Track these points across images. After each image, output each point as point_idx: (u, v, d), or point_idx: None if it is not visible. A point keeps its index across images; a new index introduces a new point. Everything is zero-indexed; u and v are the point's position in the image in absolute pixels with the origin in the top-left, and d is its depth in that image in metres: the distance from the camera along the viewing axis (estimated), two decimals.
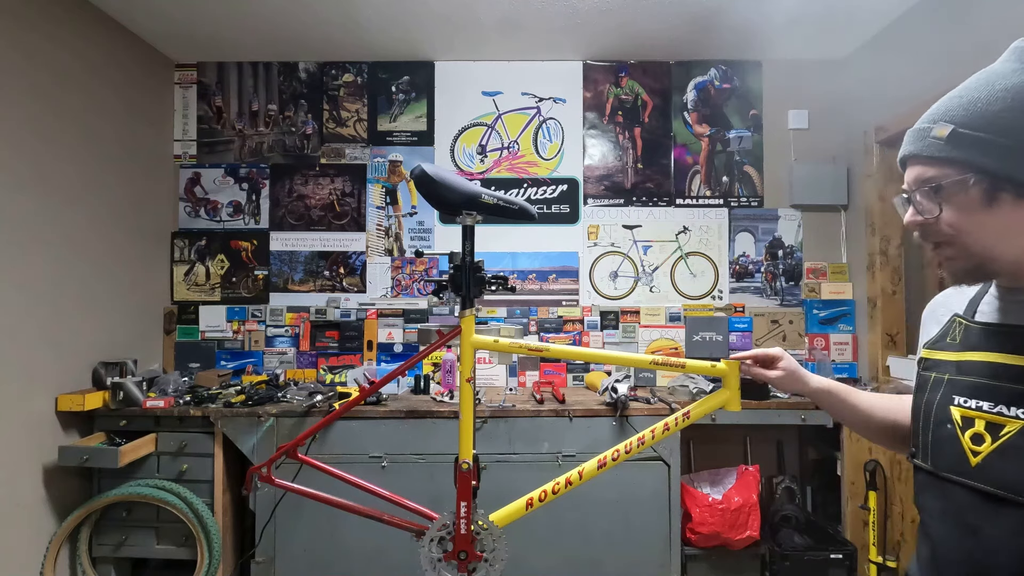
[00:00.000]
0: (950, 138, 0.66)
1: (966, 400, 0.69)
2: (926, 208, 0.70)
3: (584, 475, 1.18)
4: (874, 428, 0.94)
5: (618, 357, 1.25)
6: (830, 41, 2.59)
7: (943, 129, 0.67)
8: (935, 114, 0.70)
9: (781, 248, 2.79)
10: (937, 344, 0.77)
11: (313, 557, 2.13)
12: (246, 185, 2.80)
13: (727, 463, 2.53)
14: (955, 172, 0.67)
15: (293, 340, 2.75)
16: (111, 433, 2.17)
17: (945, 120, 0.68)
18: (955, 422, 0.70)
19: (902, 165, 0.75)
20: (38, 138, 2.00)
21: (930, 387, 0.75)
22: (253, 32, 2.51)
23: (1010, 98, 0.64)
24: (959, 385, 0.71)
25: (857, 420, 0.96)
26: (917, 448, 0.76)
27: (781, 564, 2.18)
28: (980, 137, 0.65)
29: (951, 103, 0.69)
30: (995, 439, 0.66)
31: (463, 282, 1.25)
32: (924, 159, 0.69)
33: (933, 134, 0.68)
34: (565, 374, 2.73)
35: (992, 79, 0.66)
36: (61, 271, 2.10)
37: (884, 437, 0.93)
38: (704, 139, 2.82)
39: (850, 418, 0.97)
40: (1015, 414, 0.64)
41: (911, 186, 0.72)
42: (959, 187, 0.67)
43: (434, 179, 1.17)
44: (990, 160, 0.65)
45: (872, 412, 0.94)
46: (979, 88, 0.67)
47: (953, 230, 0.69)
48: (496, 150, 2.82)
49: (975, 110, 0.66)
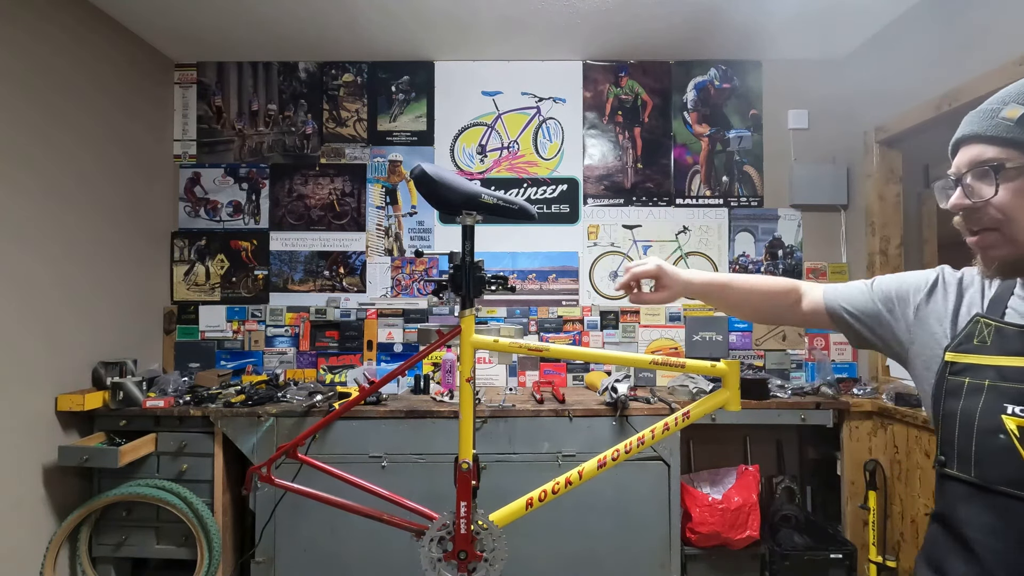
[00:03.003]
0: (1022, 120, 0.65)
1: (1023, 409, 0.65)
2: (978, 190, 0.68)
3: (584, 475, 1.18)
4: (750, 310, 1.04)
5: (618, 357, 1.25)
6: (830, 41, 2.59)
7: (1015, 110, 0.66)
8: (1007, 96, 0.68)
9: (781, 248, 2.79)
10: (963, 346, 0.74)
11: (313, 557, 2.13)
12: (246, 185, 2.80)
13: (727, 463, 2.53)
14: (1020, 155, 0.65)
15: (293, 340, 2.75)
16: (111, 433, 2.17)
17: (1017, 102, 0.66)
18: (1010, 432, 0.65)
19: (955, 148, 0.73)
20: (37, 139, 2.00)
21: (966, 393, 0.71)
22: (253, 32, 2.51)
23: None
24: (1010, 392, 0.67)
25: (738, 306, 1.04)
26: (951, 458, 0.71)
27: (781, 564, 2.18)
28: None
29: (1022, 87, 0.67)
30: None
31: (463, 282, 1.25)
32: (987, 139, 0.67)
33: (1003, 115, 0.66)
34: (565, 374, 2.73)
35: None
36: (61, 271, 2.10)
37: (759, 317, 1.04)
38: (704, 139, 2.82)
39: (734, 307, 1.06)
40: None
41: (965, 167, 0.70)
42: (1022, 170, 0.65)
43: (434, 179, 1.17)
44: None
45: (750, 295, 1.03)
46: None
47: (1003, 215, 0.66)
48: (496, 150, 2.82)
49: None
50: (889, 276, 0.89)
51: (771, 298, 1.01)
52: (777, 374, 2.68)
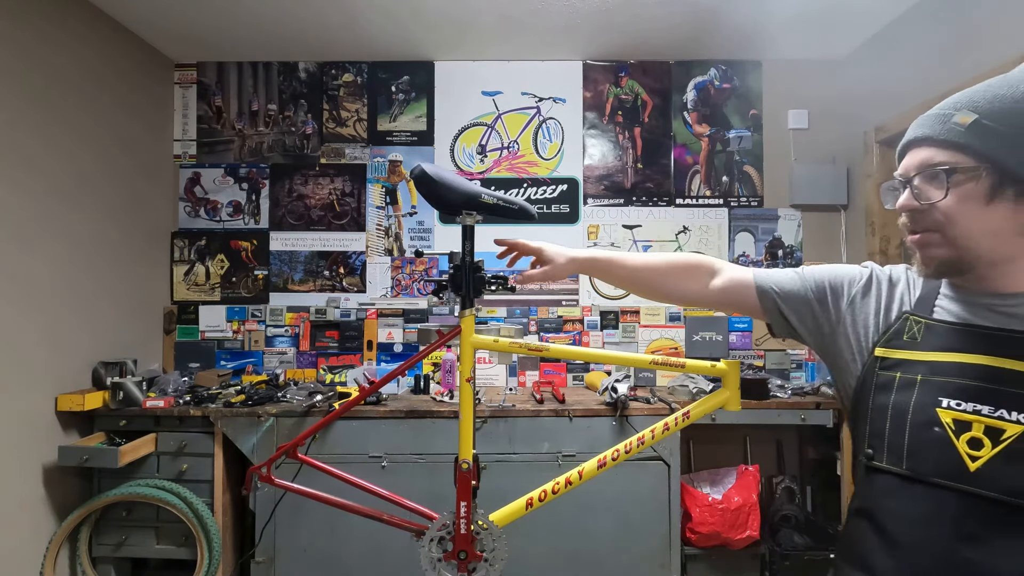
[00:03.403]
0: (972, 126, 0.67)
1: (959, 403, 0.68)
2: (926, 193, 0.70)
3: (584, 475, 1.18)
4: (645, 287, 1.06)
5: (618, 357, 1.25)
6: (830, 41, 2.59)
7: (967, 116, 0.67)
8: (958, 102, 0.70)
9: (781, 248, 2.79)
10: (893, 342, 0.76)
11: (313, 557, 2.13)
12: (246, 185, 2.80)
13: (727, 463, 2.53)
14: (970, 160, 0.67)
15: (293, 340, 2.75)
16: (111, 433, 2.17)
17: (969, 108, 0.68)
18: (945, 425, 0.68)
19: (904, 150, 0.75)
20: (37, 138, 2.00)
21: (897, 387, 0.73)
22: (253, 32, 2.51)
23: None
24: (944, 387, 0.69)
25: (631, 282, 1.07)
26: (879, 451, 0.73)
27: (781, 564, 2.18)
28: (1001, 131, 0.65)
29: (975, 94, 0.69)
30: (995, 444, 0.65)
31: (463, 282, 1.25)
32: (938, 143, 0.69)
33: (955, 120, 0.68)
34: (565, 374, 2.73)
35: (1015, 81, 0.67)
36: (61, 271, 2.10)
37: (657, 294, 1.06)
38: (704, 139, 2.82)
39: (627, 283, 1.08)
40: (1016, 418, 0.64)
41: (913, 169, 0.72)
42: (971, 175, 0.67)
43: (434, 179, 1.17)
44: (1006, 155, 0.65)
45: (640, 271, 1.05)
46: (1003, 87, 0.67)
47: (946, 219, 0.69)
48: (496, 150, 2.82)
49: (1000, 105, 0.66)
50: (820, 267, 0.91)
51: (667, 274, 1.03)
52: (777, 374, 2.68)
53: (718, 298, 0.98)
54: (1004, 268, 0.69)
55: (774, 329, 0.94)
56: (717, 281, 0.98)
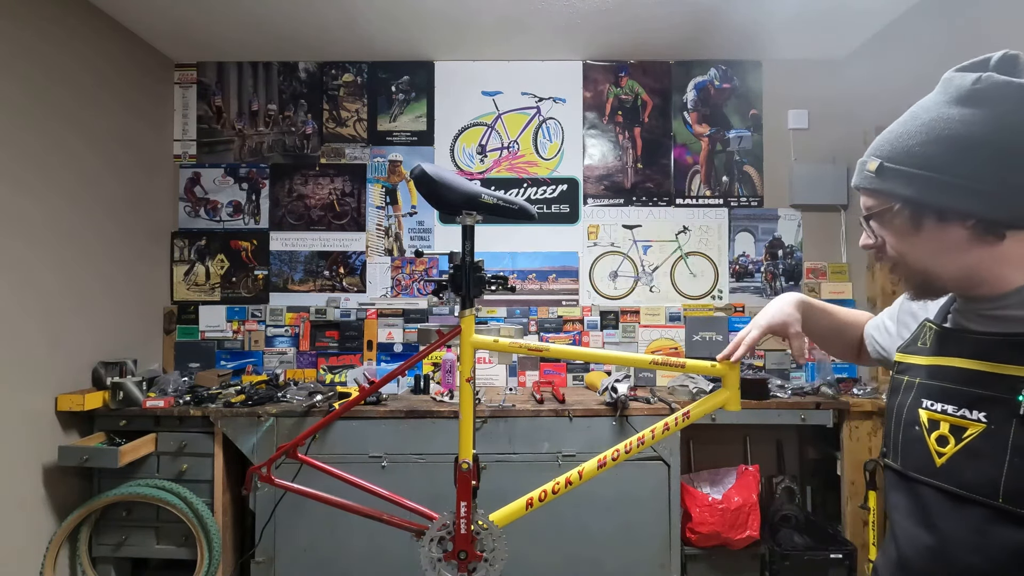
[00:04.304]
0: (878, 171, 0.73)
1: (933, 403, 0.73)
2: (871, 233, 0.78)
3: (584, 475, 1.18)
4: (845, 343, 1.06)
5: (618, 357, 1.25)
6: (830, 41, 2.59)
7: (873, 163, 0.74)
8: (872, 148, 0.76)
9: (781, 248, 2.79)
10: (909, 348, 0.82)
11: (313, 557, 2.13)
12: (246, 185, 2.80)
13: (727, 463, 2.52)
14: (884, 201, 0.73)
15: (293, 340, 2.75)
16: (111, 433, 2.17)
17: (875, 155, 0.74)
18: (922, 424, 0.74)
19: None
20: (38, 138, 2.00)
21: (903, 390, 0.79)
22: (253, 32, 2.51)
23: (925, 132, 0.70)
24: (928, 389, 0.75)
25: (830, 334, 1.07)
26: (888, 448, 0.80)
27: (781, 564, 2.18)
28: (902, 170, 0.71)
29: (882, 139, 0.75)
30: (958, 441, 0.70)
31: (463, 282, 1.25)
32: (863, 190, 0.77)
33: (867, 168, 0.75)
34: (565, 374, 2.73)
35: (919, 113, 0.73)
36: (61, 271, 2.10)
37: (849, 352, 1.07)
38: (704, 139, 2.82)
39: (827, 333, 1.08)
40: (976, 417, 0.68)
41: (862, 213, 0.79)
42: (888, 215, 0.74)
43: (434, 179, 1.17)
44: (911, 190, 0.70)
45: (844, 326, 1.06)
46: (906, 123, 0.73)
47: (896, 253, 0.75)
48: (496, 150, 2.82)
49: (899, 145, 0.72)
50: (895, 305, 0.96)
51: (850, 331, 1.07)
52: (777, 374, 2.67)
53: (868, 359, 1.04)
54: (975, 277, 0.72)
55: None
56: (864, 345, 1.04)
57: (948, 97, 0.70)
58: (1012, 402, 0.65)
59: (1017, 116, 0.66)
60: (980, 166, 0.67)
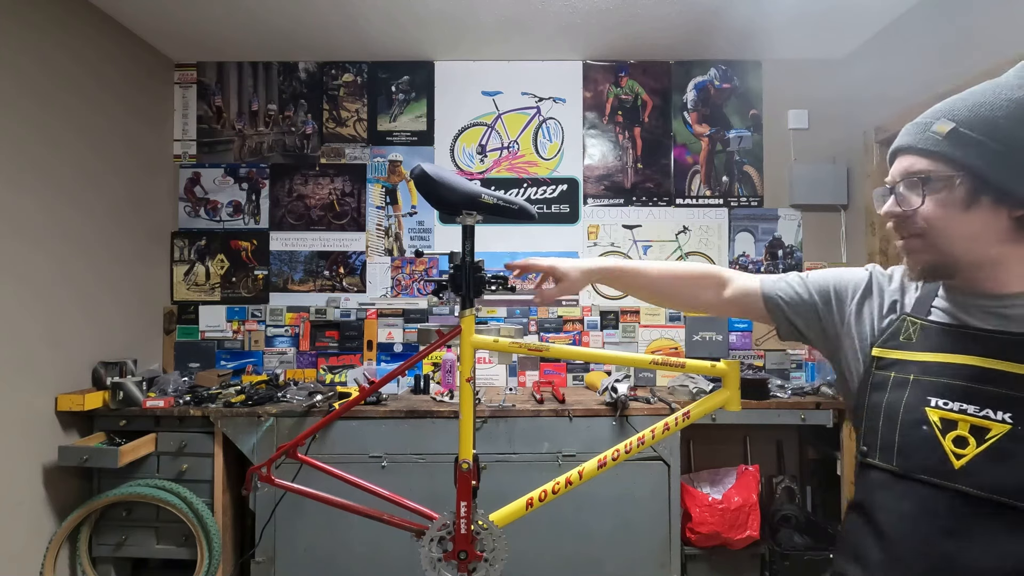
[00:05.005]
0: (949, 135, 0.68)
1: (947, 403, 0.69)
2: (907, 199, 0.72)
3: (584, 475, 1.18)
4: (659, 295, 1.07)
5: (618, 357, 1.25)
6: (830, 41, 2.59)
7: (944, 125, 0.69)
8: (939, 111, 0.71)
9: (781, 248, 2.79)
10: (890, 343, 0.78)
11: (313, 557, 2.13)
12: (246, 185, 2.80)
13: (727, 463, 2.53)
14: (947, 168, 0.69)
15: (293, 340, 2.75)
16: (111, 433, 2.17)
17: (948, 118, 0.69)
18: (933, 424, 0.70)
19: (892, 157, 0.77)
20: (38, 138, 2.00)
21: (891, 387, 0.75)
22: (253, 32, 2.51)
23: (1012, 108, 0.66)
24: (937, 387, 0.71)
25: (646, 290, 1.08)
26: (875, 448, 0.75)
27: (781, 564, 2.18)
28: (977, 139, 0.67)
29: (956, 103, 0.70)
30: (980, 442, 0.66)
31: (463, 282, 1.25)
32: (918, 151, 0.71)
33: (933, 129, 0.70)
34: (565, 374, 2.73)
35: (998, 89, 0.68)
36: (61, 271, 2.10)
37: (669, 302, 1.09)
38: (704, 139, 2.82)
39: (632, 288, 1.10)
40: (1001, 418, 0.65)
41: (898, 176, 0.74)
42: (946, 183, 0.69)
43: (434, 179, 1.17)
44: (982, 163, 0.66)
45: (657, 280, 1.06)
46: (985, 94, 0.68)
47: (927, 224, 0.71)
48: (496, 150, 2.82)
49: (978, 113, 0.67)
50: (824, 271, 0.93)
51: (682, 283, 1.05)
52: (777, 374, 2.68)
53: (729, 306, 1.01)
54: (990, 271, 0.71)
55: (780, 333, 0.96)
56: (728, 291, 1.01)
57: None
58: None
59: None
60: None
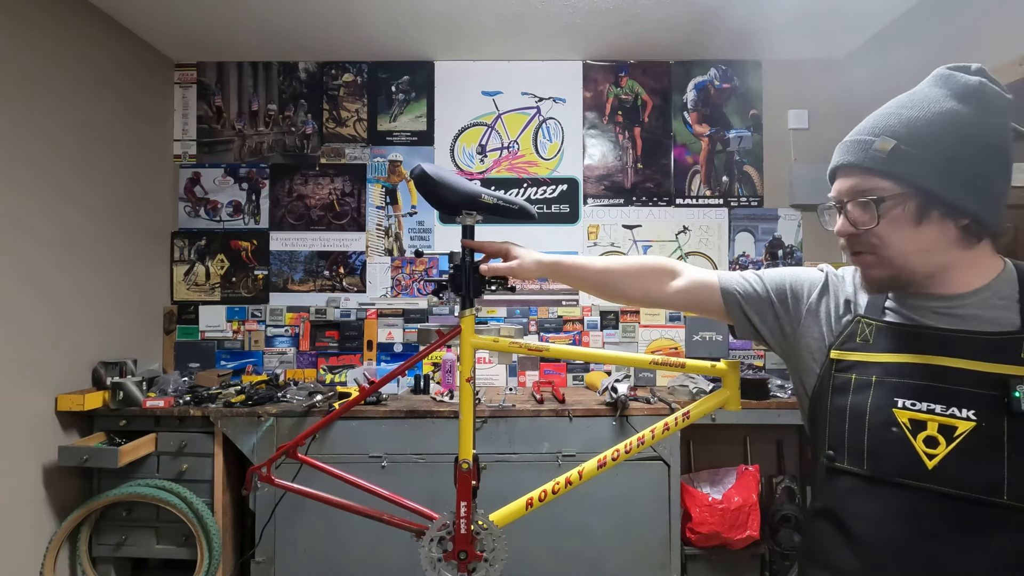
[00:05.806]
0: (892, 153, 0.69)
1: (914, 403, 0.69)
2: (860, 218, 0.73)
3: (584, 475, 1.18)
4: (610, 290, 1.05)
5: (618, 357, 1.25)
6: (830, 41, 2.59)
7: (886, 143, 0.70)
8: (874, 128, 0.72)
9: (781, 248, 2.79)
10: (847, 344, 0.77)
11: (313, 557, 2.13)
12: (246, 185, 2.80)
13: (727, 463, 2.53)
14: (895, 186, 0.69)
15: (293, 340, 2.75)
16: (111, 433, 2.17)
17: (887, 135, 0.70)
18: (902, 425, 0.69)
19: (832, 175, 0.78)
20: (38, 137, 2.00)
21: (853, 389, 0.74)
22: (253, 32, 2.51)
23: (940, 122, 0.67)
24: (898, 387, 0.71)
25: (588, 282, 1.06)
26: (840, 451, 0.74)
27: (781, 564, 2.18)
28: (920, 155, 0.68)
29: (889, 119, 0.71)
30: (950, 441, 0.67)
31: (463, 282, 1.25)
32: (864, 170, 0.72)
33: (876, 147, 0.70)
34: (565, 374, 2.73)
35: (926, 102, 0.69)
36: (61, 270, 2.10)
37: (619, 297, 1.05)
38: (704, 139, 2.82)
39: (581, 283, 1.08)
40: (967, 415, 0.66)
41: (845, 195, 0.75)
42: (898, 201, 0.69)
43: (434, 179, 1.17)
44: (927, 179, 0.67)
45: (598, 275, 1.04)
46: (914, 108, 0.69)
47: (879, 241, 0.72)
48: (496, 150, 2.82)
49: (915, 129, 0.68)
50: (780, 269, 0.92)
51: (629, 277, 1.02)
52: (777, 374, 2.67)
53: (680, 299, 0.98)
54: (942, 277, 0.72)
55: (737, 330, 0.94)
56: (678, 283, 0.98)
57: (952, 92, 0.68)
58: (1001, 399, 0.64)
59: (1003, 124, 0.67)
60: (984, 166, 0.67)
